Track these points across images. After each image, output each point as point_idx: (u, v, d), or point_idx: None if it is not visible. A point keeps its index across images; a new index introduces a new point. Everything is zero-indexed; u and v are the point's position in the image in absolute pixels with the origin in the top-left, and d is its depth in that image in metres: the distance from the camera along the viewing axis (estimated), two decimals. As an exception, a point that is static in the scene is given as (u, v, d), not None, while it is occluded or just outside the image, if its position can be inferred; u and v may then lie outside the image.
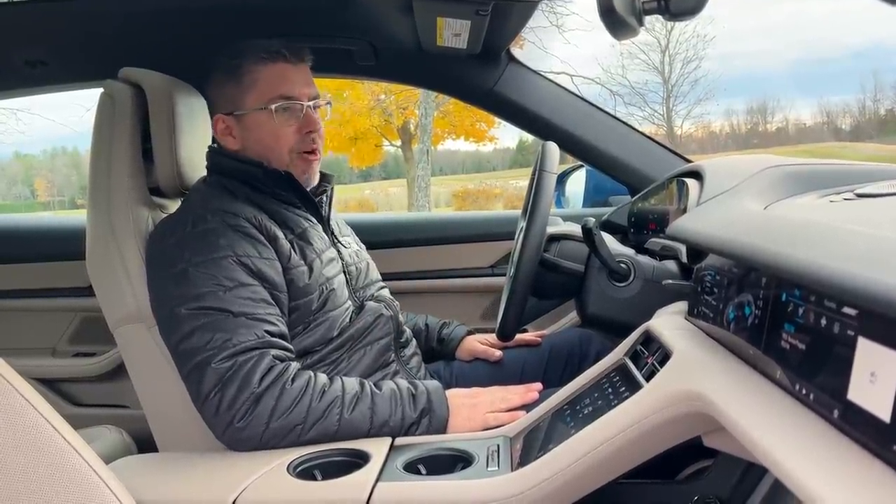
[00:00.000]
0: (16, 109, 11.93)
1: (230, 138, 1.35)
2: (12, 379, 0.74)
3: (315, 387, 1.13)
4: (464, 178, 24.56)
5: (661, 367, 0.92)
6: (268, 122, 1.31)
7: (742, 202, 1.04)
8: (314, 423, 1.10)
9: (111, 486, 0.79)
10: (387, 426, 1.13)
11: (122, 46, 1.70)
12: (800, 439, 0.62)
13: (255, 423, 1.09)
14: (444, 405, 1.18)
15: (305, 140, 1.33)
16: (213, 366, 1.10)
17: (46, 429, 0.75)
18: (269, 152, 1.33)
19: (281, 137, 1.32)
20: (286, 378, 1.12)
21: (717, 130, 24.73)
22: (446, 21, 1.52)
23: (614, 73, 18.61)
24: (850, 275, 0.55)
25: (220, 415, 1.10)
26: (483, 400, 1.21)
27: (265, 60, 1.30)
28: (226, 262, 1.17)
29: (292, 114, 1.32)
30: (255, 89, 1.31)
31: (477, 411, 1.19)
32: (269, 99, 1.30)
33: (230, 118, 1.33)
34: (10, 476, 0.71)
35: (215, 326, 1.12)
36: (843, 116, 25.64)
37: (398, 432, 1.14)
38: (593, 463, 0.88)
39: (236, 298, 1.15)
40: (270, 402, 1.09)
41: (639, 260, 1.35)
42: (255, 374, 1.10)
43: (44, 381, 2.11)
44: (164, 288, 1.20)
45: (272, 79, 1.31)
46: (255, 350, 1.12)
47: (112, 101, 1.33)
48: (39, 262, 2.09)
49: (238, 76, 1.31)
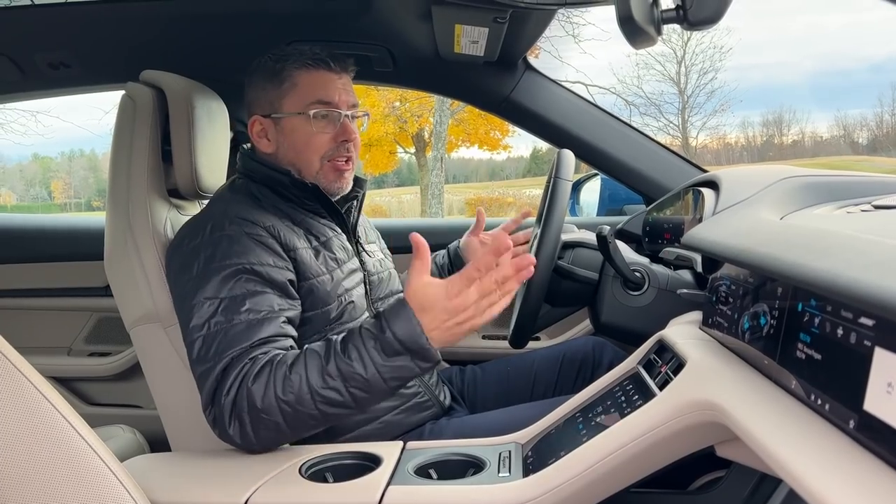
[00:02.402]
0: (36, 112, 12.10)
1: (265, 140, 1.35)
2: (31, 375, 0.75)
3: (276, 378, 1.05)
4: (477, 187, 24.58)
5: (674, 376, 0.92)
6: (304, 127, 1.31)
7: (758, 212, 1.04)
8: (294, 418, 1.05)
9: (126, 484, 0.80)
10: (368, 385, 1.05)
11: (144, 49, 1.73)
12: (816, 450, 0.61)
13: (243, 433, 1.07)
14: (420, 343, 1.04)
15: (340, 149, 1.33)
16: (209, 375, 1.09)
17: (64, 426, 0.76)
18: (300, 157, 1.33)
19: (315, 143, 1.32)
20: (249, 378, 1.07)
21: (733, 142, 24.58)
22: (464, 28, 1.53)
23: (630, 83, 18.65)
24: (867, 284, 0.54)
25: (217, 427, 1.09)
26: (461, 315, 1.04)
27: (308, 66, 1.31)
28: (237, 270, 1.16)
29: (329, 121, 1.32)
30: (294, 93, 1.31)
31: (460, 329, 1.05)
32: (307, 104, 1.30)
33: (267, 120, 1.34)
34: (27, 471, 0.72)
35: (216, 336, 1.11)
36: (860, 129, 25.44)
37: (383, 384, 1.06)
38: (605, 471, 0.88)
39: (241, 308, 1.13)
40: (243, 404, 1.06)
41: (653, 269, 1.35)
42: (226, 384, 1.07)
43: (59, 380, 2.13)
44: (181, 292, 1.20)
45: (312, 84, 1.31)
46: (245, 357, 1.09)
47: (133, 102, 1.35)
48: (57, 261, 2.12)
49: (279, 79, 1.31)
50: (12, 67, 1.74)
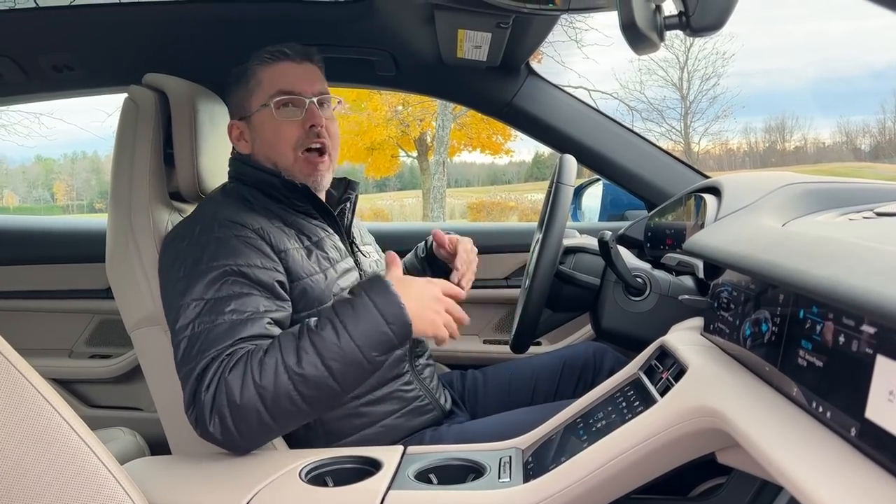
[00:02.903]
0: (39, 113, 12.11)
1: (243, 142, 1.37)
2: (31, 377, 0.75)
3: (252, 365, 1.05)
4: (479, 191, 24.57)
5: (676, 382, 0.92)
6: (270, 120, 1.32)
7: (760, 218, 1.04)
8: (274, 405, 1.04)
9: (126, 487, 0.80)
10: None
11: (147, 53, 1.73)
12: (817, 457, 0.61)
13: (224, 429, 1.05)
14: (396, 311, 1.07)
15: (309, 135, 1.33)
16: (190, 375, 1.09)
17: (64, 428, 0.76)
18: (273, 151, 1.33)
19: (283, 134, 1.32)
20: (226, 371, 1.06)
21: (735, 148, 24.55)
22: (467, 33, 1.53)
23: (632, 88, 18.61)
24: (870, 292, 0.54)
25: (199, 427, 1.07)
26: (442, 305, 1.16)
27: (267, 61, 1.33)
28: (224, 271, 1.16)
29: (294, 109, 1.33)
30: (259, 90, 1.33)
31: (438, 318, 1.14)
32: (269, 96, 1.32)
33: (241, 123, 1.36)
34: (28, 474, 0.72)
35: (199, 336, 1.11)
36: (862, 136, 25.42)
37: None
38: (606, 477, 0.88)
39: (225, 309, 1.12)
40: (222, 398, 1.04)
41: (655, 275, 1.35)
42: (205, 381, 1.06)
43: (60, 382, 2.13)
44: (169, 293, 1.21)
45: (273, 77, 1.33)
46: (224, 354, 1.08)
47: (136, 105, 1.35)
48: (58, 263, 2.12)
49: (245, 80, 1.34)
50: (16, 69, 1.75)
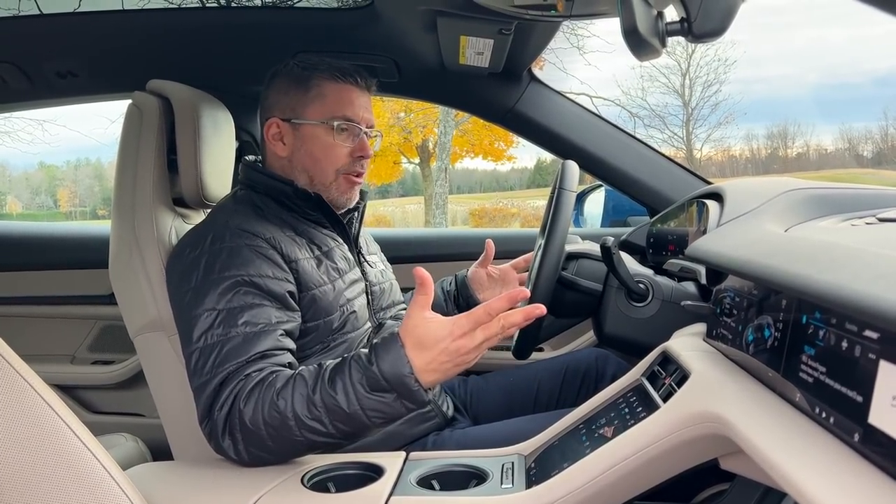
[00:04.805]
0: (42, 120, 12.13)
1: (280, 144, 1.35)
2: (34, 383, 0.75)
3: (264, 401, 1.04)
4: (481, 197, 24.56)
5: (678, 388, 0.91)
6: (324, 138, 1.33)
7: (763, 224, 1.04)
8: (279, 443, 1.05)
9: (128, 492, 0.80)
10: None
11: (151, 59, 1.74)
12: (820, 463, 0.61)
13: (236, 449, 1.06)
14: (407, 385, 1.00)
15: (355, 164, 1.36)
16: (205, 389, 1.09)
17: (66, 434, 0.76)
18: (316, 166, 1.34)
19: (333, 155, 1.33)
20: (241, 398, 1.06)
21: (737, 154, 24.51)
22: (469, 40, 1.54)
23: (634, 95, 18.58)
24: (873, 297, 0.54)
25: (212, 440, 1.09)
26: (460, 358, 1.01)
27: (337, 78, 1.33)
28: (236, 282, 1.16)
29: (349, 136, 1.34)
30: (320, 103, 1.32)
31: (455, 370, 1.02)
32: (331, 115, 1.32)
33: (286, 124, 1.34)
34: (30, 479, 0.72)
35: (213, 349, 1.11)
36: (865, 142, 25.37)
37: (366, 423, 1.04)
38: (608, 483, 0.88)
39: (238, 321, 1.13)
40: (235, 422, 1.05)
41: (657, 280, 1.35)
42: (220, 399, 1.07)
43: (62, 388, 2.13)
44: (180, 303, 1.21)
45: (340, 97, 1.33)
46: (241, 373, 1.09)
47: (140, 112, 1.35)
48: (62, 269, 2.12)
49: (306, 86, 1.33)
50: (20, 76, 1.76)
